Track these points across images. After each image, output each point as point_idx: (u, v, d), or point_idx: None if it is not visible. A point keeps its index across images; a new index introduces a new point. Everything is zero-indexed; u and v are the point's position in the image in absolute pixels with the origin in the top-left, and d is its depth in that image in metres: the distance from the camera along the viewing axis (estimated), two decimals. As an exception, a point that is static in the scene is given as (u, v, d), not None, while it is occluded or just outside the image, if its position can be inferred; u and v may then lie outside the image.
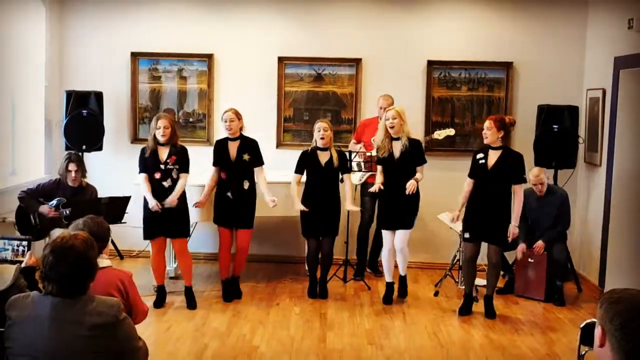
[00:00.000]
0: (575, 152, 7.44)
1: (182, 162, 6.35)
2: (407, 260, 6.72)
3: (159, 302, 6.37)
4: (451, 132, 7.42)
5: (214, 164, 6.64)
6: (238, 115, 6.54)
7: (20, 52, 7.43)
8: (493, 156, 6.20)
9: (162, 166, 6.27)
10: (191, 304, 6.41)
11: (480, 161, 6.24)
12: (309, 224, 6.71)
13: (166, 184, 6.27)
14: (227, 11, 8.08)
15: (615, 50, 7.02)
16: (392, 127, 6.44)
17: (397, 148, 6.49)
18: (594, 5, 7.71)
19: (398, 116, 6.43)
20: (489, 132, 6.17)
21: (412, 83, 7.99)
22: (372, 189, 6.62)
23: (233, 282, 6.75)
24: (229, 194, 6.52)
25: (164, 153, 6.30)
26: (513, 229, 6.18)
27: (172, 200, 6.21)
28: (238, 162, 6.52)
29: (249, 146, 6.58)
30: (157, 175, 6.27)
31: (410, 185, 6.38)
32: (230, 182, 6.52)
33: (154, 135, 6.27)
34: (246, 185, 6.53)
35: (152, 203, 6.17)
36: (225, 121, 6.51)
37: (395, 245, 6.59)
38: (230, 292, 6.67)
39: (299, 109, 8.12)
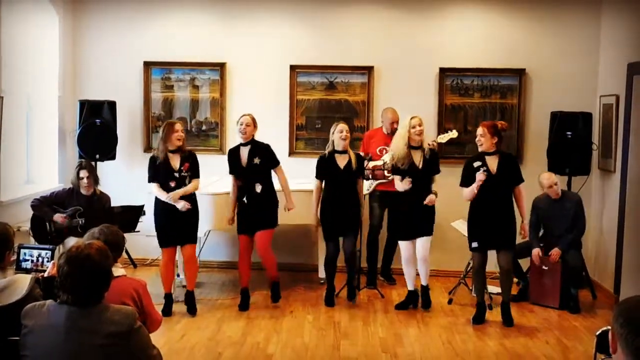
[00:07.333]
0: (589, 158, 7.40)
1: (194, 169, 6.39)
2: (429, 269, 6.69)
3: (167, 310, 6.37)
4: (454, 134, 7.35)
5: (230, 172, 6.66)
6: (254, 122, 6.56)
7: (34, 62, 7.49)
8: (492, 162, 6.19)
9: (177, 174, 6.29)
10: (191, 309, 6.44)
11: (481, 169, 6.19)
12: (329, 227, 6.73)
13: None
14: (239, 20, 8.11)
15: (628, 56, 6.99)
16: (419, 135, 6.45)
17: (418, 157, 6.49)
18: (607, 11, 7.68)
19: (422, 124, 6.48)
20: (484, 139, 6.16)
21: (424, 90, 7.99)
22: (404, 188, 6.46)
23: (274, 287, 6.76)
24: (244, 199, 6.54)
25: (175, 161, 6.32)
26: (525, 225, 6.34)
27: (179, 193, 6.21)
28: (249, 167, 6.52)
29: (260, 150, 6.57)
30: (172, 184, 6.28)
31: (430, 199, 6.46)
32: (245, 188, 6.54)
33: (167, 141, 6.25)
34: (258, 188, 6.51)
35: (164, 197, 6.21)
36: (242, 124, 6.49)
37: (417, 255, 6.57)
38: (274, 295, 6.76)
39: (311, 117, 8.13)
